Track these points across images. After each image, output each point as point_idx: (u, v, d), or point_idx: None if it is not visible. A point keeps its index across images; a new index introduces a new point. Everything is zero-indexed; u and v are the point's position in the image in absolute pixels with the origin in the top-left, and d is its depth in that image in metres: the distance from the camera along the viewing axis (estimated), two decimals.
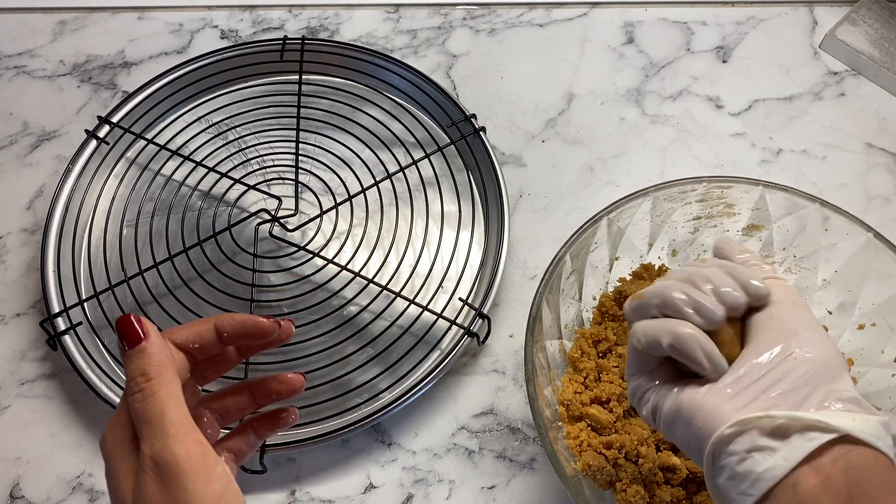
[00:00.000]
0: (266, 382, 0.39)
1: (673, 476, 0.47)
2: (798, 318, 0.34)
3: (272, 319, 0.37)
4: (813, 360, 0.32)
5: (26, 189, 0.67)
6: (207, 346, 0.36)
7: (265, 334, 0.37)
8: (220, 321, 0.36)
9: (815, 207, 0.52)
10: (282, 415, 0.40)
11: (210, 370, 0.39)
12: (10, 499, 0.54)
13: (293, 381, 0.39)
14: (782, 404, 0.31)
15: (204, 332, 0.36)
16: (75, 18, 0.76)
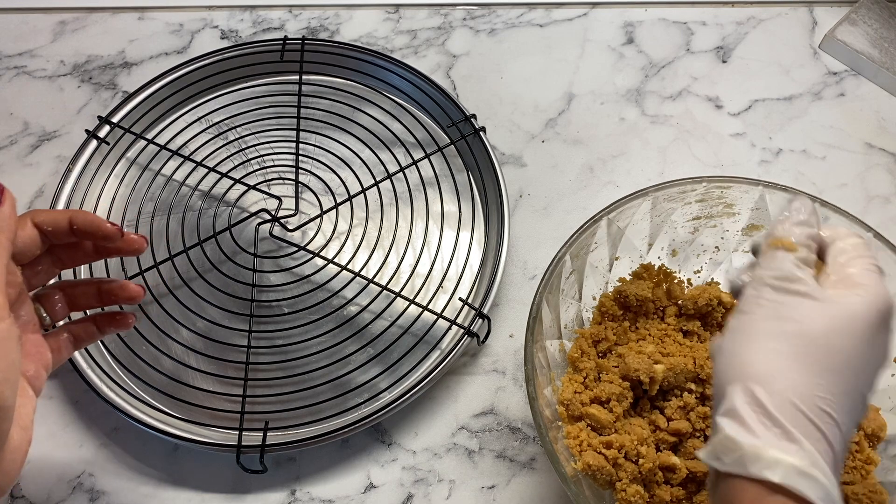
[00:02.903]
0: (110, 284, 0.44)
1: (673, 476, 0.47)
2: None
3: (117, 227, 0.41)
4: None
5: (27, 189, 0.67)
6: (60, 232, 0.40)
7: (106, 237, 0.41)
8: (75, 214, 0.40)
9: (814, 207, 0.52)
10: (118, 317, 0.45)
11: (67, 257, 0.43)
12: (11, 499, 0.54)
13: (133, 289, 0.44)
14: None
15: (60, 219, 0.40)
16: (75, 18, 0.76)
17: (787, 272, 0.34)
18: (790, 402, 0.31)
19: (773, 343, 0.32)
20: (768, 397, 0.31)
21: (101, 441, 0.56)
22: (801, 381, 0.31)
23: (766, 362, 0.32)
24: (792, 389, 0.31)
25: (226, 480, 0.55)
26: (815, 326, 0.32)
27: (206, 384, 0.57)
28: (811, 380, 0.31)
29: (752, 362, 0.33)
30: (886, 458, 0.48)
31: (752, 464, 0.30)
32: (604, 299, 0.54)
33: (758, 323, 0.34)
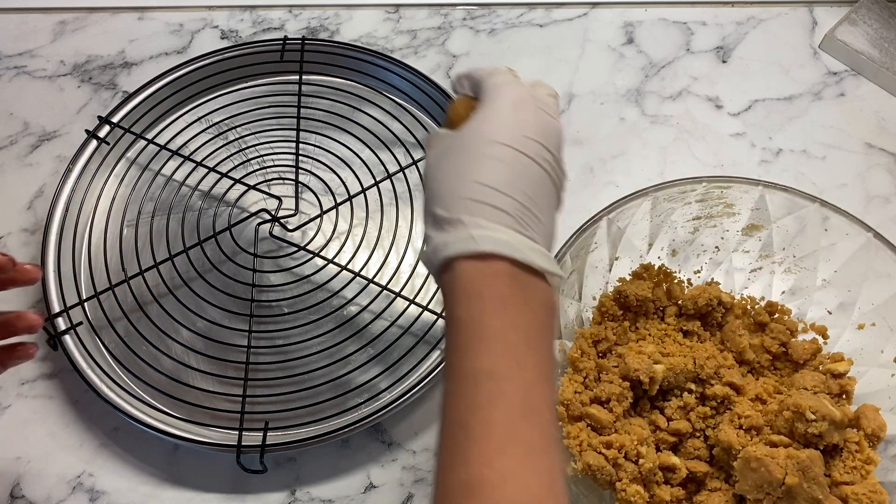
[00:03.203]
0: (7, 315, 0.44)
1: (673, 476, 0.47)
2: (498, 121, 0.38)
3: (8, 258, 0.42)
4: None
5: (26, 189, 0.67)
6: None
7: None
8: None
9: (814, 207, 0.52)
10: (19, 348, 0.46)
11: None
12: (11, 498, 0.54)
13: (32, 318, 0.45)
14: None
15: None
16: (75, 18, 0.76)
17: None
18: (468, 198, 0.36)
19: (449, 157, 0.39)
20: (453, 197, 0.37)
21: (101, 441, 0.56)
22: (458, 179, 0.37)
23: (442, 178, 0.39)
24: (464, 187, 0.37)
25: (226, 480, 0.55)
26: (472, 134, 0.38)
27: (206, 384, 0.57)
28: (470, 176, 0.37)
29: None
30: (886, 458, 0.48)
31: (457, 245, 0.35)
32: (604, 299, 0.54)
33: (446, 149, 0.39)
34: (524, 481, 0.31)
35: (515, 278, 0.34)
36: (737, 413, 0.48)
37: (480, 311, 0.34)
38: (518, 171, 0.36)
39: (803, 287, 0.55)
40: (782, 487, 0.43)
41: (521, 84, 0.41)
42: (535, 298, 0.35)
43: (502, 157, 0.36)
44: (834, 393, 0.50)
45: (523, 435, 0.32)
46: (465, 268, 0.35)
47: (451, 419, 0.33)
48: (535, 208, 0.36)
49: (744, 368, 0.52)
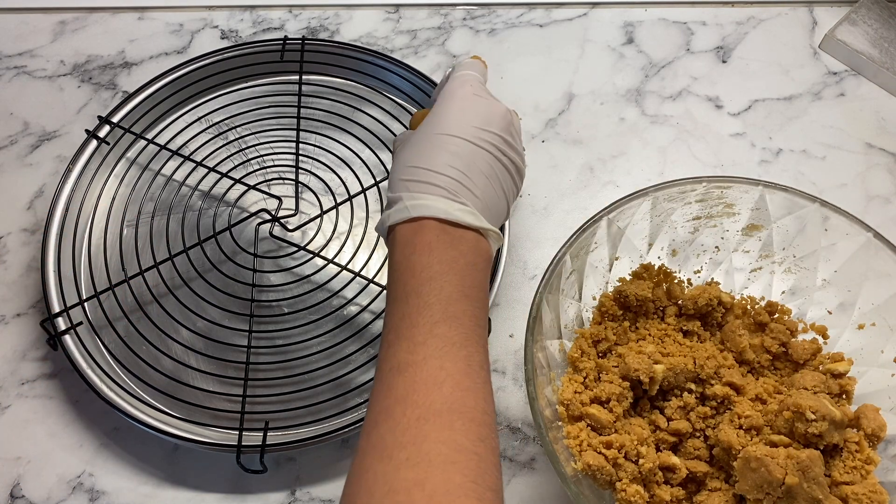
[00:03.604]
0: None
1: (673, 476, 0.47)
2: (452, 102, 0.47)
3: None
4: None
5: (26, 189, 0.67)
6: None
7: None
8: None
9: (814, 207, 0.52)
10: None
11: None
12: (11, 498, 0.54)
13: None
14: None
15: None
16: (75, 18, 0.76)
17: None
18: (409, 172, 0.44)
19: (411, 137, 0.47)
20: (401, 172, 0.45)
21: (101, 441, 0.56)
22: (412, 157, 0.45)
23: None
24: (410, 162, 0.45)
25: (226, 480, 0.55)
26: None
27: (206, 384, 0.57)
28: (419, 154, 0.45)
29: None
30: (886, 458, 0.48)
31: (398, 213, 0.43)
32: (604, 299, 0.54)
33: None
34: (440, 364, 0.38)
35: (443, 231, 0.42)
36: (737, 413, 0.48)
37: (410, 254, 0.41)
38: (451, 152, 0.44)
39: (803, 287, 0.55)
40: (782, 487, 0.43)
41: (463, 78, 0.49)
42: (463, 243, 0.42)
43: (438, 143, 0.44)
44: (834, 393, 0.50)
45: (443, 332, 0.39)
46: (401, 229, 0.43)
47: (387, 327, 0.41)
48: (469, 181, 0.43)
49: (744, 368, 0.52)
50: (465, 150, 0.44)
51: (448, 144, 0.44)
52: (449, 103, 0.46)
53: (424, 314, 0.39)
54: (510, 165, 0.46)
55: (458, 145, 0.44)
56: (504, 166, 0.46)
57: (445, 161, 0.43)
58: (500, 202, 0.46)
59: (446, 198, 0.42)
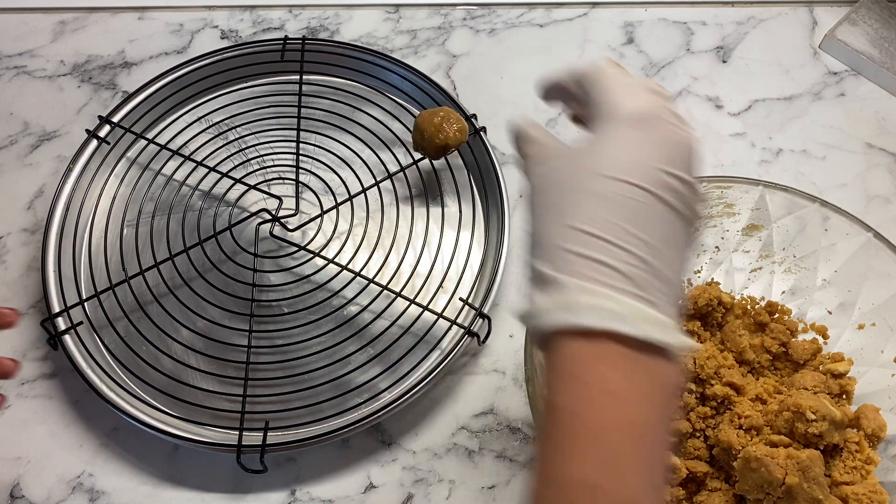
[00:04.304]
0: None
1: (673, 476, 0.47)
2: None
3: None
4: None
5: (27, 189, 0.67)
6: None
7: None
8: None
9: (814, 207, 0.52)
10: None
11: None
12: (11, 499, 0.54)
13: (6, 365, 0.46)
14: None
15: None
16: (75, 18, 0.76)
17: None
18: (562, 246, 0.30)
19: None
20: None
21: (101, 441, 0.56)
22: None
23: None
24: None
25: (226, 480, 0.55)
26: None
27: (206, 384, 0.57)
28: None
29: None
30: (886, 458, 0.48)
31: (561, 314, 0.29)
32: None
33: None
34: None
35: (627, 360, 0.28)
36: (737, 413, 0.48)
37: (579, 402, 0.28)
38: (632, 210, 0.30)
39: (803, 287, 0.55)
40: (782, 487, 0.43)
41: (639, 90, 0.34)
42: (652, 384, 0.29)
43: (611, 193, 0.30)
44: (834, 393, 0.50)
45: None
46: (566, 347, 0.29)
47: (543, 477, 0.29)
48: (657, 259, 0.30)
49: (744, 368, 0.52)
50: (652, 209, 0.30)
51: (626, 198, 0.30)
52: (622, 129, 0.32)
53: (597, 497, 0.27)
54: (694, 229, 0.33)
55: (639, 199, 0.30)
56: (690, 231, 0.32)
57: (626, 226, 0.29)
58: (680, 286, 0.31)
59: (631, 293, 0.29)
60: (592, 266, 0.29)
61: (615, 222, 0.30)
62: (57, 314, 0.57)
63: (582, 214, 0.30)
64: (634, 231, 0.30)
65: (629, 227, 0.30)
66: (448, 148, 0.60)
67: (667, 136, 0.32)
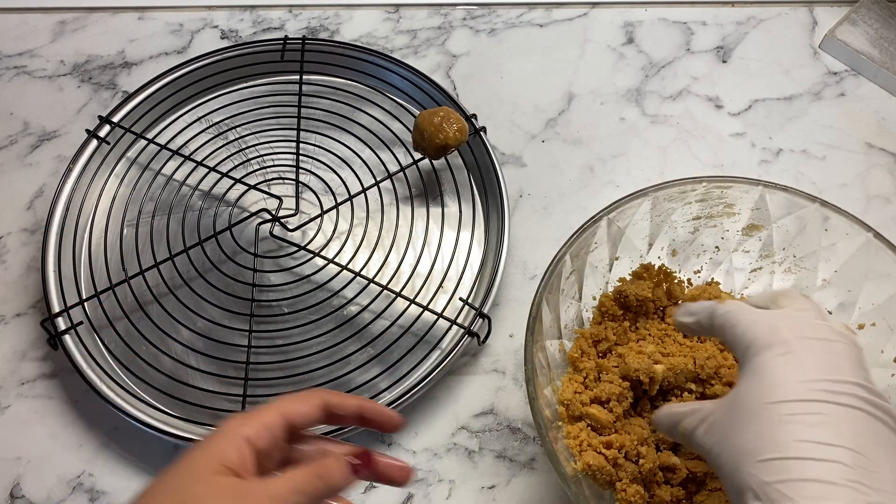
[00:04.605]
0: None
1: (673, 476, 0.47)
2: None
3: (401, 417, 0.39)
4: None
5: (27, 189, 0.67)
6: (347, 418, 0.39)
7: (393, 427, 0.39)
8: (364, 405, 0.38)
9: (814, 207, 0.52)
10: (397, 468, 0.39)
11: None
12: (11, 498, 0.54)
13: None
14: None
15: (350, 405, 0.38)
16: (75, 18, 0.76)
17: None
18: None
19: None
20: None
21: (101, 441, 0.56)
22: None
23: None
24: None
25: None
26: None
27: (207, 384, 0.57)
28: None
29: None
30: None
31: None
32: (604, 299, 0.54)
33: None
34: None
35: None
36: None
37: None
38: (809, 425, 0.31)
39: (803, 287, 0.55)
40: None
41: (769, 320, 0.36)
42: None
43: (790, 417, 0.31)
44: None
45: None
46: None
47: None
48: (866, 461, 0.30)
49: None
50: (832, 417, 0.31)
51: (806, 414, 0.31)
52: (769, 359, 0.34)
53: None
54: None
55: (821, 412, 0.31)
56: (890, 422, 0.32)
57: (817, 439, 0.30)
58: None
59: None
60: (804, 487, 0.30)
61: (803, 440, 0.31)
62: (57, 314, 0.57)
63: (773, 444, 0.31)
64: (827, 440, 0.30)
65: (820, 438, 0.30)
66: (448, 148, 0.60)
67: (815, 350, 0.33)
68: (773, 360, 0.34)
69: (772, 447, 0.31)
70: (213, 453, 0.33)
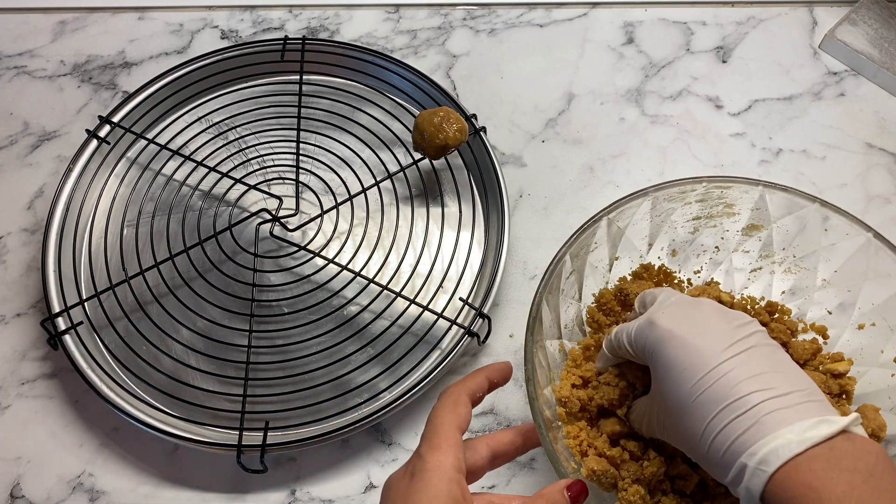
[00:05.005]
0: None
1: (684, 484, 0.47)
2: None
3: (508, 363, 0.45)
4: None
5: (27, 189, 0.67)
6: (479, 399, 0.43)
7: (508, 377, 0.45)
8: (490, 372, 0.44)
9: (814, 207, 0.52)
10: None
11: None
12: (11, 498, 0.54)
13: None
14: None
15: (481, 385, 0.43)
16: (75, 18, 0.76)
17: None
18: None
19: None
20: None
21: (101, 441, 0.56)
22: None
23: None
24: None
25: (226, 480, 0.55)
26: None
27: (207, 384, 0.57)
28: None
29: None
30: None
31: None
32: (604, 292, 0.53)
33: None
34: None
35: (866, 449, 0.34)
36: None
37: (853, 485, 0.32)
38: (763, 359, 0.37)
39: (803, 287, 0.55)
40: None
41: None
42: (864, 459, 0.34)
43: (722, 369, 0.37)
44: (834, 393, 0.50)
45: None
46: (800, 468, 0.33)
47: None
48: (788, 377, 0.37)
49: None
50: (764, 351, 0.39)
51: (719, 379, 0.37)
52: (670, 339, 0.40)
53: None
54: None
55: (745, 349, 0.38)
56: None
57: (751, 386, 0.36)
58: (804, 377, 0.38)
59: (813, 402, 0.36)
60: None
61: (716, 410, 0.36)
62: (57, 314, 0.57)
63: (699, 428, 0.37)
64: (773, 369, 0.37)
65: (750, 382, 0.36)
66: (448, 148, 0.60)
67: (690, 320, 0.40)
68: (670, 351, 0.39)
69: (707, 429, 0.36)
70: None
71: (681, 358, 0.38)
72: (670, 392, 0.38)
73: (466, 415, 0.40)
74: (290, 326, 0.58)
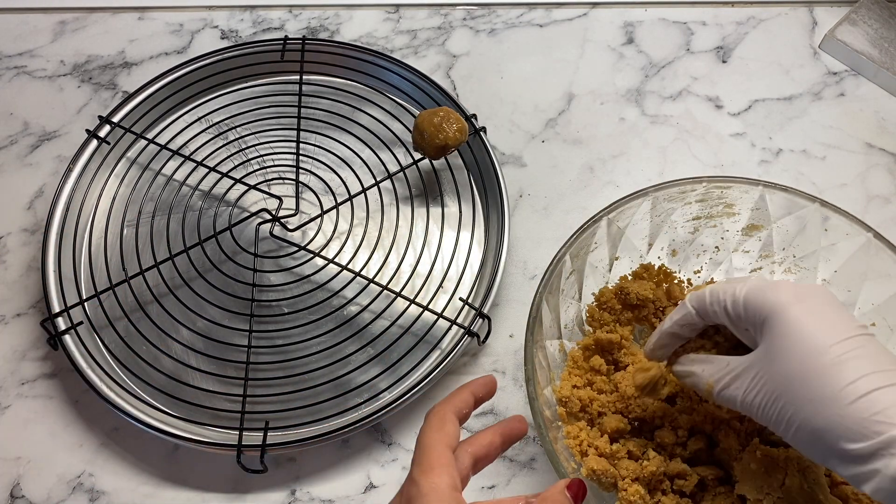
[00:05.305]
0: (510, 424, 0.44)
1: (684, 483, 0.47)
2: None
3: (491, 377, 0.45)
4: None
5: (27, 189, 0.67)
6: (467, 416, 0.43)
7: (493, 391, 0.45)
8: (475, 388, 0.44)
9: (814, 207, 0.52)
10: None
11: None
12: (11, 498, 0.54)
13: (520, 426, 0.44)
14: None
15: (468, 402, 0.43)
16: (75, 18, 0.76)
17: None
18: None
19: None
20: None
21: (101, 441, 0.56)
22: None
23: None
24: None
25: (226, 480, 0.55)
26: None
27: (207, 384, 0.57)
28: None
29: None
30: None
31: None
32: (604, 290, 0.54)
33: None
34: None
35: None
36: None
37: None
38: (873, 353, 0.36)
39: None
40: (782, 487, 0.43)
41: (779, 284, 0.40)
42: None
43: (839, 357, 0.36)
44: None
45: None
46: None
47: None
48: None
49: None
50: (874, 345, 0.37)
51: (849, 350, 0.36)
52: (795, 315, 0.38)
53: None
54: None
55: (860, 344, 0.36)
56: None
57: (875, 369, 0.35)
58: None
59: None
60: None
61: (864, 374, 0.35)
62: (57, 314, 0.57)
63: (846, 383, 0.35)
64: (882, 368, 0.35)
65: (877, 368, 0.35)
66: (448, 148, 0.60)
67: (820, 298, 0.39)
68: (802, 315, 0.37)
69: (849, 389, 0.34)
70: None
71: (815, 323, 0.37)
72: (796, 353, 0.36)
73: (454, 433, 0.40)
74: (290, 326, 0.58)
